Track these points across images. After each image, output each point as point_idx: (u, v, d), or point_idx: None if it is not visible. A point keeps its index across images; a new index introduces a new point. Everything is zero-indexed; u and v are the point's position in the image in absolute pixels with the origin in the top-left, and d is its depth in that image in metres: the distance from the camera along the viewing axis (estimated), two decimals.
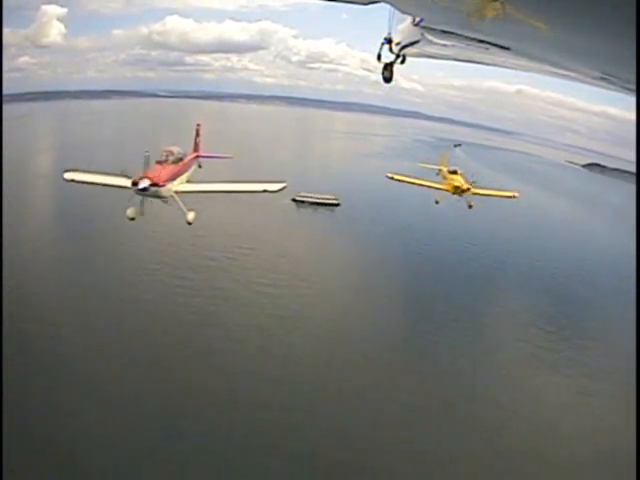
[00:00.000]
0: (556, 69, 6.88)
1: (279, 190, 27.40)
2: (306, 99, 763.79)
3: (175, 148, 27.72)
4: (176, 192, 26.28)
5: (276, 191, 27.34)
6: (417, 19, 8.70)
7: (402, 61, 13.56)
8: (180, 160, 27.47)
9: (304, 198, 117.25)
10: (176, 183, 26.56)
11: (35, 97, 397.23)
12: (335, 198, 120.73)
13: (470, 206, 37.91)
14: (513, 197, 43.00)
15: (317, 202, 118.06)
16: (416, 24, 8.83)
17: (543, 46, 5.53)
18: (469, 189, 36.71)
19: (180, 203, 26.14)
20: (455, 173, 38.58)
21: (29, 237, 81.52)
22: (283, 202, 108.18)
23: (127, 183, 24.26)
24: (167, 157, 26.48)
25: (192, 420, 42.77)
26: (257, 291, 69.20)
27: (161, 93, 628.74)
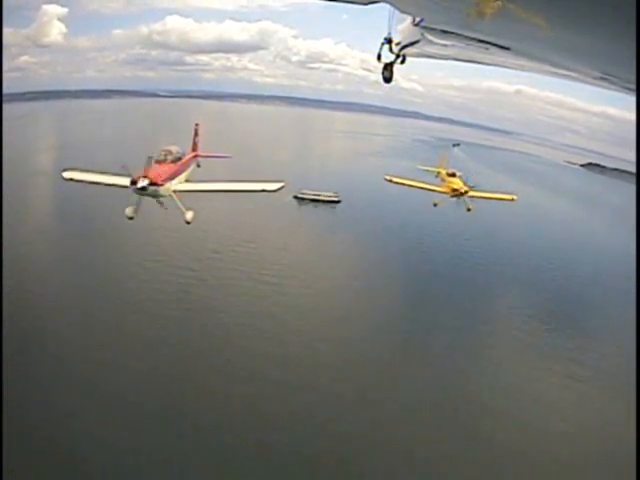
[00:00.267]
0: (556, 69, 6.87)
1: (277, 190, 27.40)
2: (306, 99, 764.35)
3: (174, 147, 27.74)
4: (175, 191, 26.27)
5: (274, 190, 27.35)
6: (417, 19, 8.69)
7: (402, 61, 13.55)
8: (179, 159, 27.47)
9: (305, 195, 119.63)
10: (175, 182, 26.54)
11: (35, 96, 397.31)
12: (336, 195, 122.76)
13: (469, 209, 37.89)
14: (512, 200, 42.73)
15: (318, 199, 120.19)
16: (416, 24, 8.82)
17: (543, 46, 5.52)
18: (467, 192, 36.67)
19: (178, 202, 26.12)
20: (454, 176, 38.53)
21: (29, 236, 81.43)
22: (285, 199, 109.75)
23: (126, 182, 24.23)
24: (166, 156, 26.48)
25: (192, 419, 42.76)
26: (262, 281, 71.61)
27: (161, 93, 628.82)
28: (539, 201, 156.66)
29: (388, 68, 13.68)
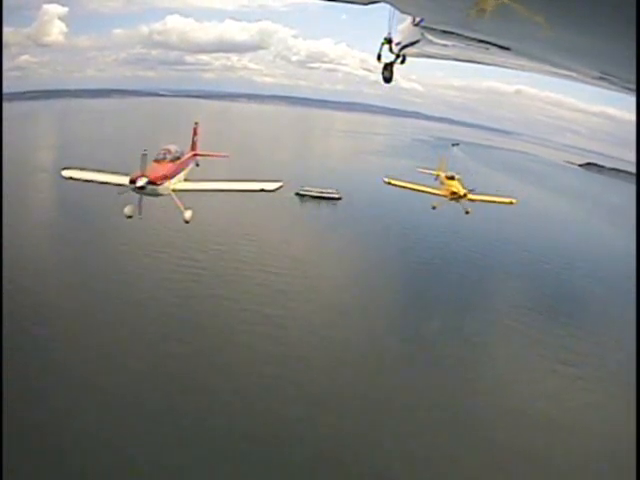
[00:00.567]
0: (556, 69, 6.87)
1: (276, 189, 27.42)
2: (306, 99, 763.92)
3: (173, 146, 27.73)
4: (173, 190, 26.28)
5: (273, 190, 27.37)
6: (417, 19, 8.68)
7: (402, 61, 13.55)
8: (178, 158, 27.46)
9: (307, 192, 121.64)
10: (174, 181, 26.55)
11: (36, 96, 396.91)
12: (337, 192, 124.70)
13: (467, 212, 38.24)
14: (511, 203, 42.70)
15: (319, 196, 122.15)
16: (416, 24, 8.81)
17: (543, 46, 5.52)
18: (466, 195, 36.74)
19: (177, 201, 26.12)
20: (453, 179, 38.50)
21: (29, 235, 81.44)
22: (287, 196, 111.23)
23: (125, 181, 24.27)
24: (165, 155, 26.50)
25: (192, 419, 42.77)
26: (266, 272, 75.07)
27: (161, 92, 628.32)
28: (537, 199, 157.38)
29: (388, 68, 13.68)
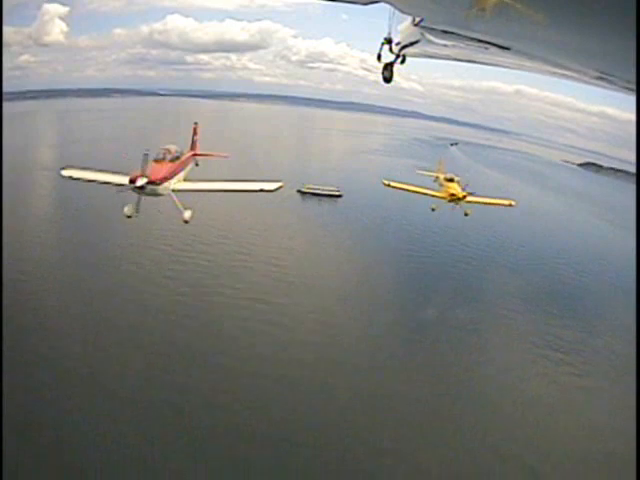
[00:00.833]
0: (556, 69, 6.86)
1: (275, 189, 27.59)
2: (306, 98, 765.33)
3: (172, 146, 27.82)
4: (173, 190, 26.32)
5: (272, 190, 27.55)
6: (417, 19, 8.67)
7: (402, 61, 13.54)
8: (177, 158, 27.53)
9: (308, 190, 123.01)
10: (173, 181, 26.60)
11: (36, 95, 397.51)
12: (338, 190, 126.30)
13: (466, 214, 38.36)
14: (510, 205, 42.71)
15: (321, 193, 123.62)
16: (416, 24, 8.80)
17: (543, 46, 5.51)
18: (465, 197, 36.79)
19: (177, 201, 26.15)
20: (452, 181, 38.55)
21: (29, 233, 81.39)
22: (289, 193, 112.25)
23: (125, 180, 24.29)
24: (165, 155, 26.56)
25: (193, 419, 42.76)
26: (270, 263, 77.31)
27: (161, 92, 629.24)
28: (535, 198, 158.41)
29: (388, 68, 13.66)
